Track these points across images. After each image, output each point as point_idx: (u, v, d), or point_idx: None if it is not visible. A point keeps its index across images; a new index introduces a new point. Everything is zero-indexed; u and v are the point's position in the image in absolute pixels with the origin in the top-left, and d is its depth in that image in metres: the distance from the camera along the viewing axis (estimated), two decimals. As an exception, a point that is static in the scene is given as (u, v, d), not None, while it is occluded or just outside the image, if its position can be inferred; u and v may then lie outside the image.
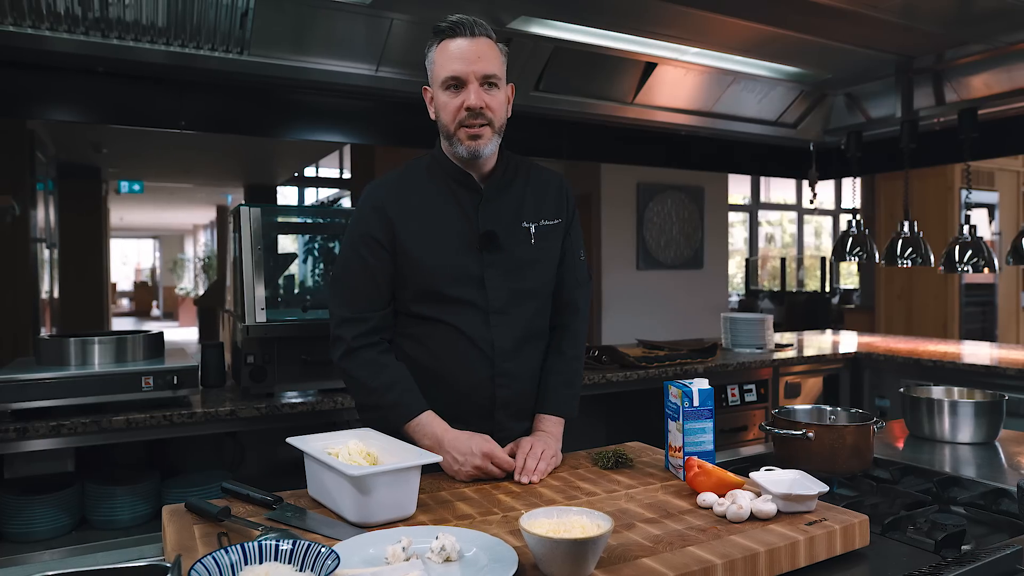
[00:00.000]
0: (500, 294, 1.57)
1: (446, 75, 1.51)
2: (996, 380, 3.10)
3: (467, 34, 1.50)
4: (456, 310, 1.56)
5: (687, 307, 6.20)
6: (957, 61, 3.23)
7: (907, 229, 3.67)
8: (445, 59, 1.51)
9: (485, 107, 1.51)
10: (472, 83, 1.50)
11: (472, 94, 1.50)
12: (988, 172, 6.77)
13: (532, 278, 1.62)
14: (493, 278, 1.57)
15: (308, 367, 2.36)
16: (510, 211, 1.61)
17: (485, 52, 1.51)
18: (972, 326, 6.66)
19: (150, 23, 2.38)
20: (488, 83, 1.51)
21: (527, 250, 1.61)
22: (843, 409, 1.71)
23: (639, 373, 2.96)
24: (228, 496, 1.31)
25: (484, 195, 1.59)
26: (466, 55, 1.49)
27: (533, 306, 1.63)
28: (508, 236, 1.59)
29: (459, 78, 1.50)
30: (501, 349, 1.57)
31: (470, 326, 1.56)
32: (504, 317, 1.58)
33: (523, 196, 1.63)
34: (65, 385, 2.02)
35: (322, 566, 0.90)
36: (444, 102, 1.53)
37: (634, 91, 3.32)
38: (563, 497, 1.34)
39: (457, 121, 1.52)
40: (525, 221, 1.61)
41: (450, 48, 1.50)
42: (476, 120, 1.51)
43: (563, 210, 1.68)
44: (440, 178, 1.61)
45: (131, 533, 2.11)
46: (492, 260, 1.57)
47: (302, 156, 8.32)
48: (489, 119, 1.52)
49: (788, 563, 1.08)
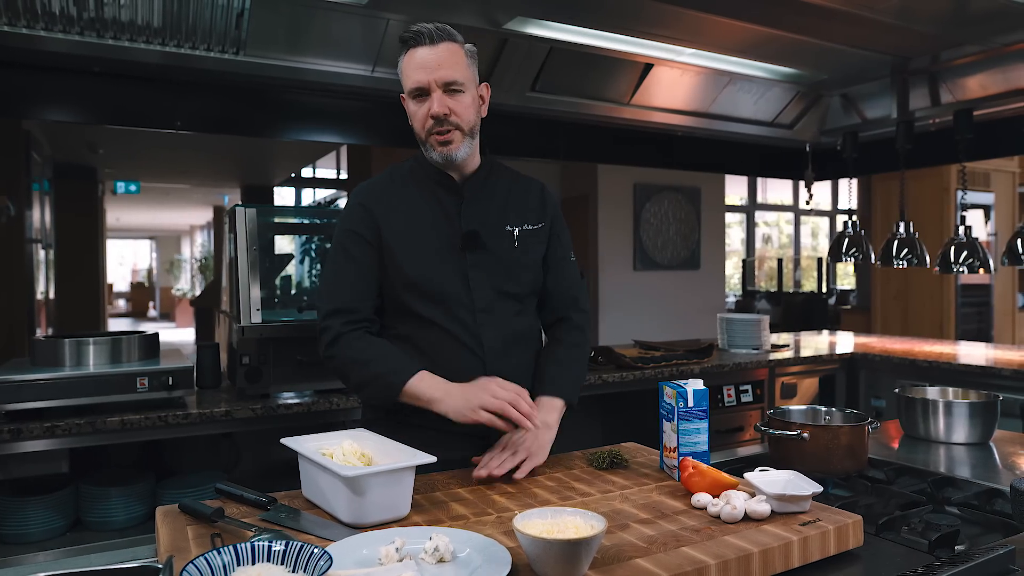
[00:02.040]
0: (485, 294, 1.58)
1: (410, 85, 1.54)
2: (991, 381, 3.11)
3: (427, 42, 1.52)
4: (442, 311, 1.57)
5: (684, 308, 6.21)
6: (953, 62, 3.24)
7: (903, 230, 3.68)
8: (410, 69, 1.54)
9: (450, 113, 1.53)
10: (435, 91, 1.52)
11: (435, 102, 1.52)
12: (984, 173, 6.78)
13: (516, 280, 1.63)
14: (477, 278, 1.58)
15: (304, 368, 2.36)
16: (493, 213, 1.63)
17: (445, 59, 1.52)
18: (968, 327, 6.67)
19: (146, 23, 2.38)
20: (451, 89, 1.53)
21: (511, 252, 1.62)
22: (838, 410, 1.71)
23: (635, 374, 2.96)
24: (222, 497, 1.31)
25: (464, 195, 1.61)
26: (427, 64, 1.52)
27: (518, 307, 1.64)
28: (491, 237, 1.60)
29: (422, 87, 1.53)
30: (491, 349, 1.57)
31: (458, 326, 1.57)
32: (490, 316, 1.58)
33: (506, 200, 1.66)
34: (60, 386, 2.02)
35: (315, 567, 0.90)
36: (412, 111, 1.57)
37: (630, 92, 3.33)
38: (557, 497, 1.34)
39: (426, 129, 1.56)
40: (508, 224, 1.63)
41: (414, 58, 1.53)
42: (442, 127, 1.54)
43: (545, 215, 1.70)
44: (422, 181, 1.63)
45: (126, 534, 2.10)
46: (476, 260, 1.58)
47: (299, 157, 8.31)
48: (456, 124, 1.54)
49: (782, 564, 1.08)
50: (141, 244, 21.88)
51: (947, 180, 6.45)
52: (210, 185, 11.07)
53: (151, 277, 20.89)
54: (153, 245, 21.33)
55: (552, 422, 1.57)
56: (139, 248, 22.11)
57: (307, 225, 2.74)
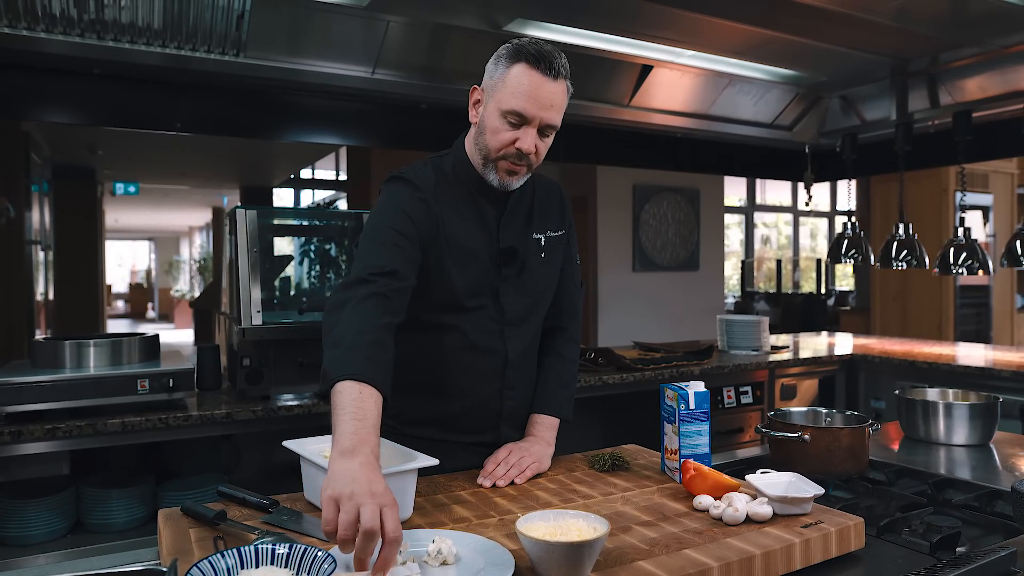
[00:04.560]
0: (516, 308, 1.56)
1: (512, 107, 1.40)
2: (991, 382, 3.12)
3: (549, 73, 1.40)
4: (470, 321, 1.53)
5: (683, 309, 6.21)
6: (951, 64, 3.24)
7: (902, 231, 3.69)
8: (518, 89, 1.40)
9: (535, 152, 1.45)
10: (534, 127, 1.42)
11: (529, 139, 1.42)
12: (983, 174, 6.79)
13: (540, 290, 1.61)
14: (508, 292, 1.55)
15: (304, 370, 2.36)
16: (523, 224, 1.59)
17: (559, 101, 1.43)
18: (967, 328, 6.67)
19: (146, 25, 2.38)
20: (546, 131, 1.46)
21: (538, 262, 1.60)
22: (838, 411, 1.71)
23: (635, 375, 2.96)
24: (224, 500, 1.31)
25: (508, 211, 1.56)
26: (541, 97, 1.40)
27: (538, 318, 1.63)
28: (523, 249, 1.57)
29: (524, 117, 1.41)
30: (511, 362, 1.57)
31: (483, 337, 1.54)
32: (517, 329, 1.57)
33: (531, 208, 1.61)
34: (60, 388, 2.01)
35: (318, 570, 0.90)
36: (497, 128, 1.43)
37: (630, 93, 3.33)
38: (559, 500, 1.34)
39: (502, 154, 1.45)
40: (535, 233, 1.60)
41: (530, 80, 1.39)
42: (520, 162, 1.46)
43: (564, 221, 1.67)
44: (465, 185, 1.54)
45: (127, 536, 2.10)
46: (508, 274, 1.55)
47: (298, 158, 8.31)
48: (531, 163, 1.48)
49: (784, 566, 1.08)
50: (140, 245, 21.87)
51: (946, 181, 6.46)
52: (209, 186, 11.07)
53: (150, 278, 20.87)
54: (152, 246, 21.32)
55: (552, 439, 1.60)
56: (138, 249, 22.10)
57: (307, 227, 2.74)
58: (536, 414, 1.63)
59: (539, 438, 1.58)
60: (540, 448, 1.54)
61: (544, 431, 1.60)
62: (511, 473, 1.45)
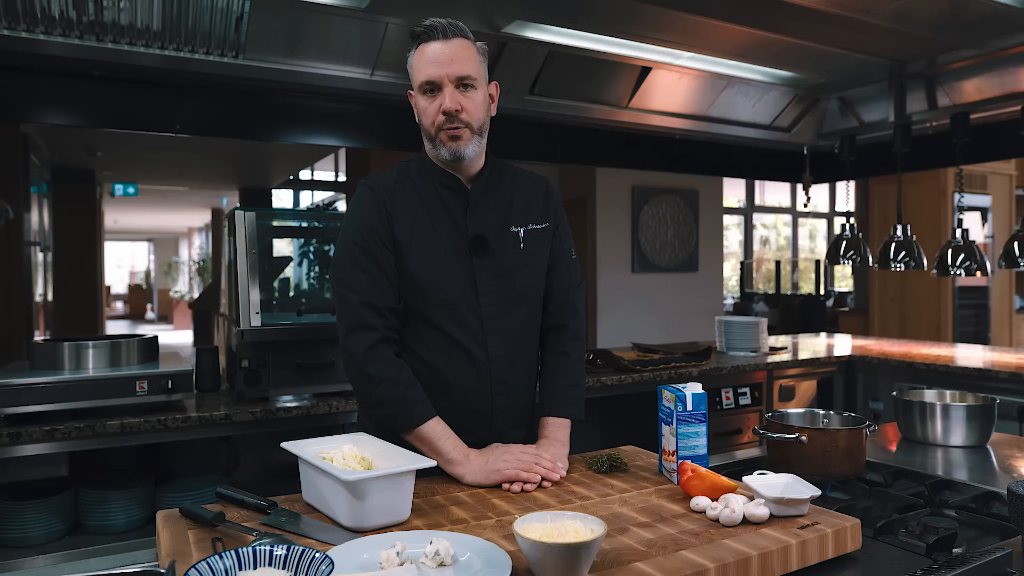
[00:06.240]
0: (492, 299, 1.57)
1: (422, 79, 1.52)
2: (988, 383, 3.12)
3: (440, 37, 1.50)
4: (451, 316, 1.55)
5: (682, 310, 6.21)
6: (949, 66, 3.25)
7: (900, 232, 3.69)
8: (421, 63, 1.52)
9: (461, 110, 1.51)
10: (447, 86, 1.50)
11: (447, 97, 1.50)
12: (981, 176, 6.80)
13: (522, 283, 1.61)
14: (484, 283, 1.56)
15: (303, 371, 2.36)
16: (498, 216, 1.61)
17: (459, 54, 1.50)
18: (965, 329, 6.68)
19: (145, 27, 2.38)
20: (463, 84, 1.51)
21: (517, 255, 1.60)
22: (836, 413, 1.71)
23: (633, 376, 2.97)
24: (222, 501, 1.31)
25: (471, 198, 1.59)
26: (440, 58, 1.49)
27: (524, 312, 1.62)
28: (497, 240, 1.58)
29: (434, 82, 1.51)
30: (496, 356, 1.57)
31: (464, 333, 1.55)
32: (496, 323, 1.57)
33: (510, 201, 1.63)
34: (59, 389, 2.02)
35: (316, 571, 0.90)
36: (423, 107, 1.54)
37: (629, 95, 3.34)
38: (557, 501, 1.34)
39: (436, 125, 1.53)
40: (514, 226, 1.61)
41: (425, 52, 1.51)
42: (453, 123, 1.51)
43: (550, 213, 1.68)
44: (429, 181, 1.60)
45: (125, 538, 2.10)
46: (483, 265, 1.57)
47: (297, 159, 8.31)
48: (466, 121, 1.52)
49: (780, 567, 1.09)
50: (139, 246, 21.86)
51: (944, 183, 6.47)
52: (208, 187, 11.07)
53: (149, 279, 20.87)
54: (151, 247, 21.31)
55: (566, 439, 1.61)
56: (137, 250, 22.09)
57: (306, 228, 2.74)
58: (546, 417, 1.62)
59: (552, 439, 1.58)
60: (556, 449, 1.55)
61: (557, 431, 1.60)
62: (535, 477, 1.43)
